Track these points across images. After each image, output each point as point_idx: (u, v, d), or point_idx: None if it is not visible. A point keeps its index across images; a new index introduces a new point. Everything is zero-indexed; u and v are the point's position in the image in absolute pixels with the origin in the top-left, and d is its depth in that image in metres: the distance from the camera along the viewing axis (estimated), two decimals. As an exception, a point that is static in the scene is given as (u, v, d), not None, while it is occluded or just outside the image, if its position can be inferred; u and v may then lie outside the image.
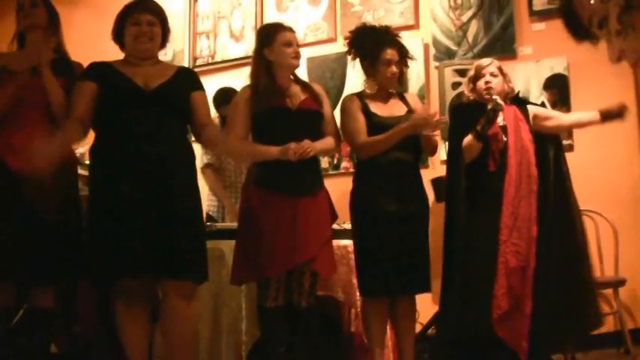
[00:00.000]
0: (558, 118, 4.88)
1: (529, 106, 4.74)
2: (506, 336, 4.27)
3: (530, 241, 4.38)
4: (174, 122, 3.96)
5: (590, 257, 4.61)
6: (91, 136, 4.05)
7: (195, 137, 4.18)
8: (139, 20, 4.02)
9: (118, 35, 4.10)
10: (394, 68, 4.50)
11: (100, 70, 4.02)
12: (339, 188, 4.94)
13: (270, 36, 4.37)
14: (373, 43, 4.51)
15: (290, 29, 4.44)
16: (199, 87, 4.17)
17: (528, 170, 4.47)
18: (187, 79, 4.10)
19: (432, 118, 4.38)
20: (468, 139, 4.46)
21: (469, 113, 4.58)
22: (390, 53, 4.49)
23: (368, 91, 4.56)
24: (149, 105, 3.88)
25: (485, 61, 4.71)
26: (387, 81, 4.53)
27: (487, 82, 4.56)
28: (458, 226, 4.44)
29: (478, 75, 4.61)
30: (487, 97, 4.50)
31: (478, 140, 4.44)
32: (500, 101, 4.42)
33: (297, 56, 4.39)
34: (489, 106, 4.42)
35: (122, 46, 4.13)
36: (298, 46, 4.42)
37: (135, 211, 3.78)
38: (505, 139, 4.47)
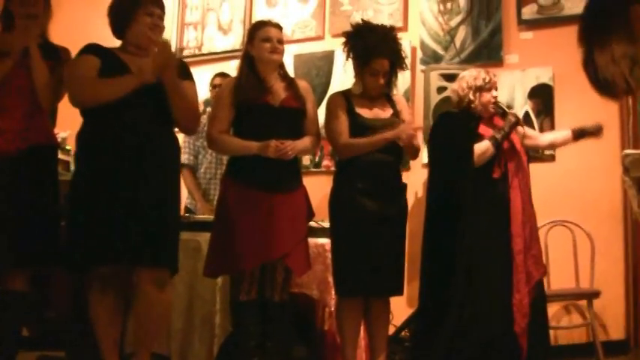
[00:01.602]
0: (535, 138, 5.01)
1: None
2: (526, 344, 4.38)
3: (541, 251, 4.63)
4: (162, 113, 3.96)
5: None
6: (75, 121, 4.03)
7: (177, 124, 4.17)
8: (154, 12, 4.05)
9: (122, 22, 4.07)
10: (381, 79, 4.47)
11: (101, 49, 4.03)
12: (319, 186, 4.94)
13: (253, 32, 4.44)
14: (365, 50, 4.46)
15: (274, 25, 4.46)
16: (187, 77, 4.17)
17: (526, 180, 4.55)
18: (177, 70, 4.09)
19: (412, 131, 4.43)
20: (484, 146, 4.52)
21: (463, 122, 4.63)
22: (380, 64, 4.43)
23: (355, 91, 4.55)
24: (141, 95, 3.88)
25: (491, 74, 4.76)
26: (372, 90, 4.50)
27: (495, 97, 4.69)
28: (460, 233, 4.44)
29: (487, 87, 4.65)
30: (493, 109, 4.67)
31: (496, 148, 4.51)
32: (519, 116, 4.68)
33: (275, 51, 4.37)
34: (512, 120, 4.59)
35: (120, 33, 4.11)
36: (282, 42, 4.42)
37: (114, 199, 3.78)
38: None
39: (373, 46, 4.44)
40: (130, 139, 3.85)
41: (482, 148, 4.51)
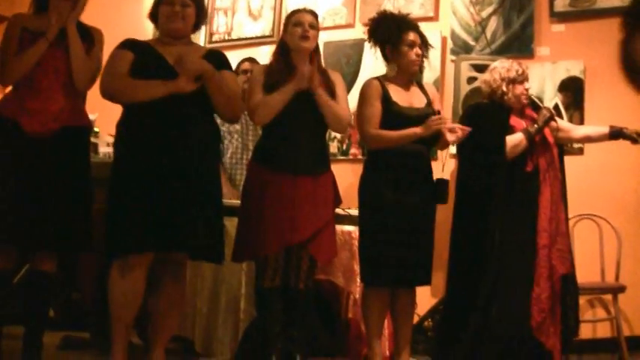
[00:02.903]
0: (569, 130, 4.90)
1: None
2: (545, 339, 4.35)
3: (569, 246, 4.57)
4: (201, 101, 3.99)
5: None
6: (104, 104, 4.06)
7: (218, 115, 4.22)
8: (173, 0, 4.08)
9: (154, 14, 4.17)
10: (418, 50, 4.51)
11: (136, 44, 4.09)
12: (346, 174, 4.95)
13: (287, 19, 4.46)
14: (396, 26, 4.51)
15: (308, 11, 4.47)
16: (226, 66, 4.19)
17: (556, 174, 4.52)
18: (215, 59, 4.12)
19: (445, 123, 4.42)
20: (517, 139, 4.50)
21: (494, 113, 4.62)
22: (413, 36, 4.49)
23: (390, 75, 4.55)
24: None
25: (523, 66, 4.72)
26: (411, 63, 4.51)
27: (527, 89, 4.66)
28: (492, 227, 4.43)
29: (520, 80, 4.62)
30: (525, 101, 4.66)
31: (529, 142, 4.49)
32: (553, 111, 4.58)
33: (305, 36, 4.34)
34: (547, 114, 4.55)
35: (157, 26, 4.21)
36: (314, 27, 4.38)
37: (163, 186, 3.83)
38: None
39: (400, 20, 4.56)
40: (173, 127, 3.90)
41: (515, 140, 4.48)
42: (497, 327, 4.34)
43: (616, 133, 4.70)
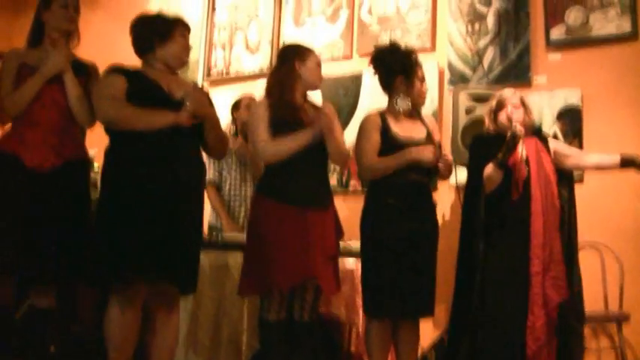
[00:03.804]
0: (578, 157, 4.84)
1: (550, 140, 4.73)
2: None
3: (564, 273, 4.48)
4: (191, 133, 4.02)
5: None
6: (103, 139, 4.06)
7: (205, 151, 4.28)
8: (186, 35, 4.20)
9: (154, 40, 4.12)
10: (426, 85, 4.61)
11: (126, 70, 4.07)
12: (346, 206, 4.93)
13: (305, 53, 4.47)
14: (410, 59, 4.55)
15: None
16: (211, 104, 4.27)
17: (552, 201, 4.47)
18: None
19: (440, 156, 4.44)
20: (489, 168, 4.42)
21: (491, 145, 4.54)
22: (422, 71, 4.57)
23: (406, 109, 4.56)
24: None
25: (507, 92, 4.69)
26: (422, 97, 4.60)
27: (510, 113, 4.57)
28: (478, 257, 4.41)
29: (500, 106, 4.60)
30: (508, 126, 4.47)
31: (499, 169, 4.40)
32: (519, 128, 4.36)
33: (321, 79, 4.49)
34: (509, 134, 4.35)
35: (148, 50, 4.16)
36: None
37: (151, 215, 3.83)
38: (527, 168, 4.44)
39: (410, 55, 4.57)
40: (163, 157, 3.90)
41: (487, 170, 4.44)
42: (487, 355, 4.31)
43: (627, 162, 4.66)
